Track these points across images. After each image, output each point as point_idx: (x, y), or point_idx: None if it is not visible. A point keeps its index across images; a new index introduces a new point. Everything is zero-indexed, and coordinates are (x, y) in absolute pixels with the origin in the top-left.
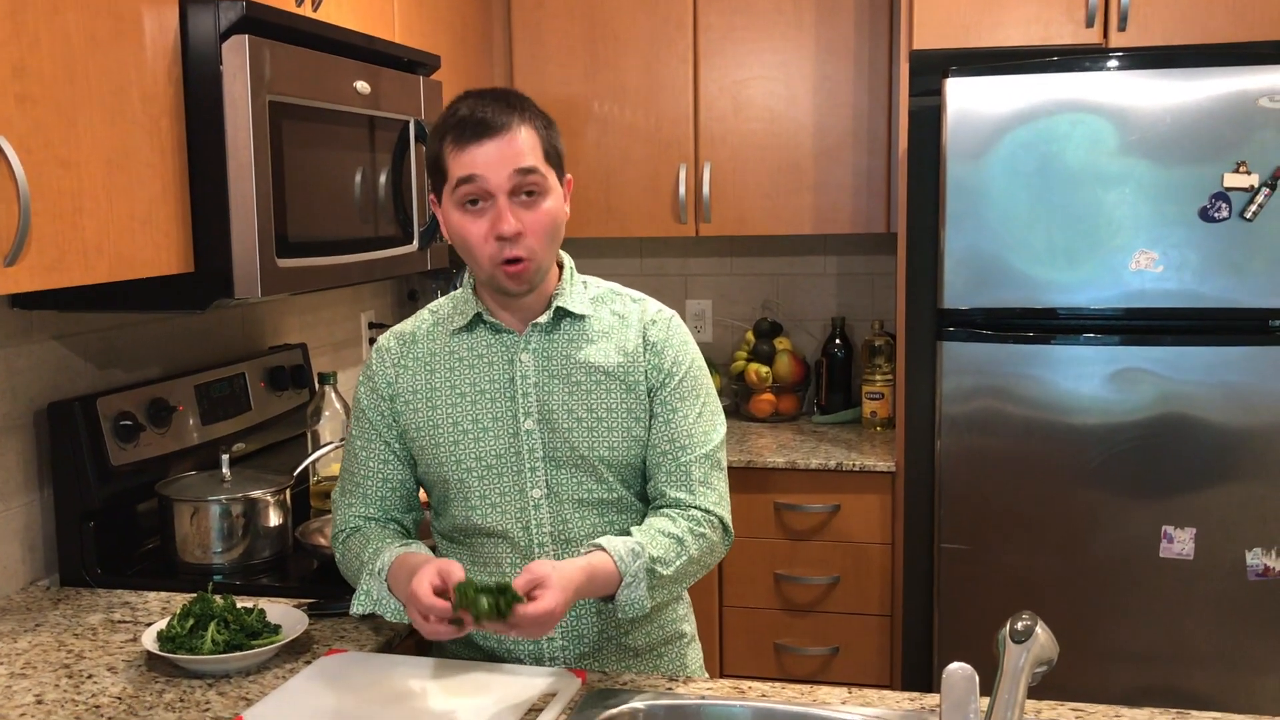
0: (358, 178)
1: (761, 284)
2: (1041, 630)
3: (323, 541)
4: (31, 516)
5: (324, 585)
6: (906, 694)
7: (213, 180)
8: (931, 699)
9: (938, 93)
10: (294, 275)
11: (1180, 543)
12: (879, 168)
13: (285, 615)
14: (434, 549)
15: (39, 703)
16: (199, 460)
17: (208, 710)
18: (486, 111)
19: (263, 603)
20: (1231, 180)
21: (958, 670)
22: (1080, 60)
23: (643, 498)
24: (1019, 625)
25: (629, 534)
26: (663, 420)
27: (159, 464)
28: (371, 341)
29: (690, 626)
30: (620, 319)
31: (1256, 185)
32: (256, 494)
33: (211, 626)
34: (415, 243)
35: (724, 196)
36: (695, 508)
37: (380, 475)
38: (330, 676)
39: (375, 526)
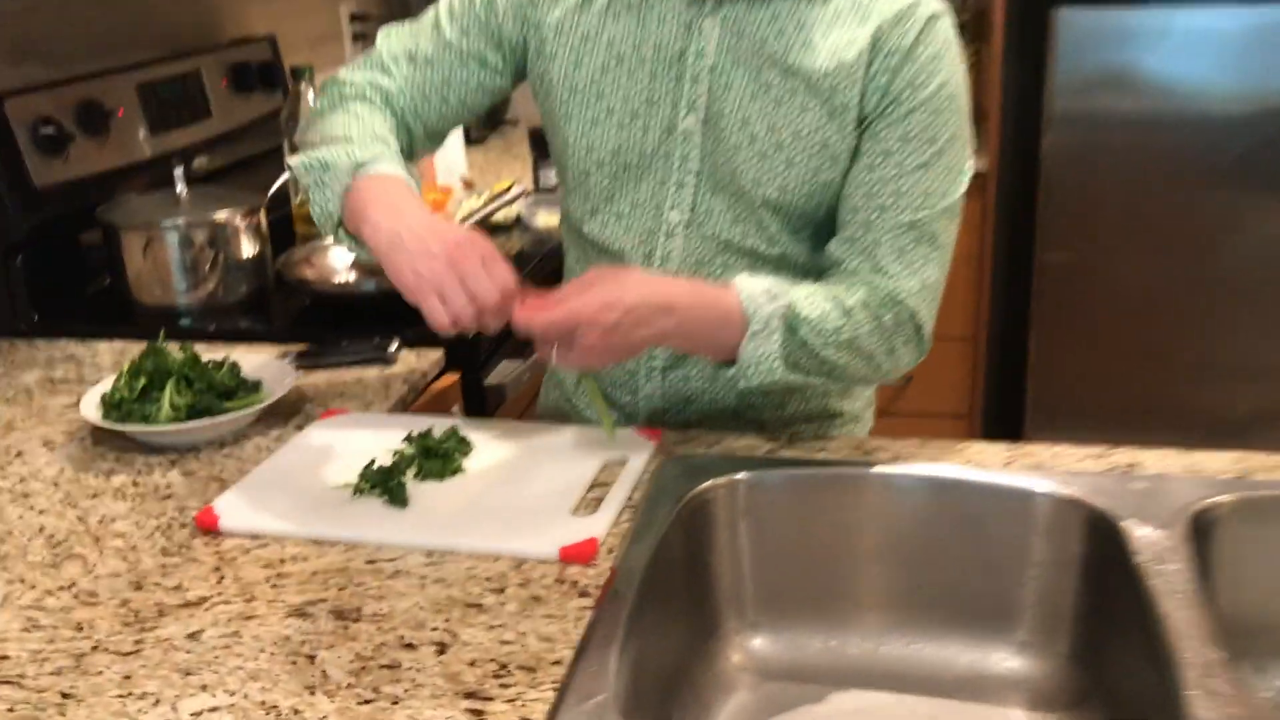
0: None
1: None
2: None
3: (310, 274)
4: None
5: (316, 328)
6: (1088, 450)
7: None
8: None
9: None
10: None
11: None
12: None
13: (266, 368)
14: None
15: None
16: (152, 179)
17: (169, 496)
18: None
19: (238, 352)
20: None
21: None
22: None
23: (820, 261)
24: None
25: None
26: (866, 164)
27: (98, 184)
28: (355, 37)
29: (851, 404)
30: (858, 7)
31: None
32: (222, 217)
33: (169, 387)
34: None
35: None
36: (882, 287)
37: (444, 60)
38: (328, 446)
39: (391, 119)
